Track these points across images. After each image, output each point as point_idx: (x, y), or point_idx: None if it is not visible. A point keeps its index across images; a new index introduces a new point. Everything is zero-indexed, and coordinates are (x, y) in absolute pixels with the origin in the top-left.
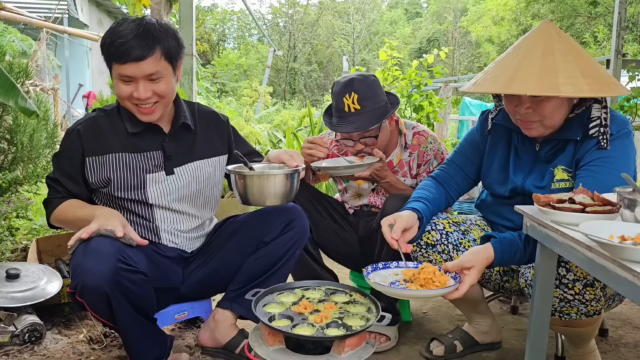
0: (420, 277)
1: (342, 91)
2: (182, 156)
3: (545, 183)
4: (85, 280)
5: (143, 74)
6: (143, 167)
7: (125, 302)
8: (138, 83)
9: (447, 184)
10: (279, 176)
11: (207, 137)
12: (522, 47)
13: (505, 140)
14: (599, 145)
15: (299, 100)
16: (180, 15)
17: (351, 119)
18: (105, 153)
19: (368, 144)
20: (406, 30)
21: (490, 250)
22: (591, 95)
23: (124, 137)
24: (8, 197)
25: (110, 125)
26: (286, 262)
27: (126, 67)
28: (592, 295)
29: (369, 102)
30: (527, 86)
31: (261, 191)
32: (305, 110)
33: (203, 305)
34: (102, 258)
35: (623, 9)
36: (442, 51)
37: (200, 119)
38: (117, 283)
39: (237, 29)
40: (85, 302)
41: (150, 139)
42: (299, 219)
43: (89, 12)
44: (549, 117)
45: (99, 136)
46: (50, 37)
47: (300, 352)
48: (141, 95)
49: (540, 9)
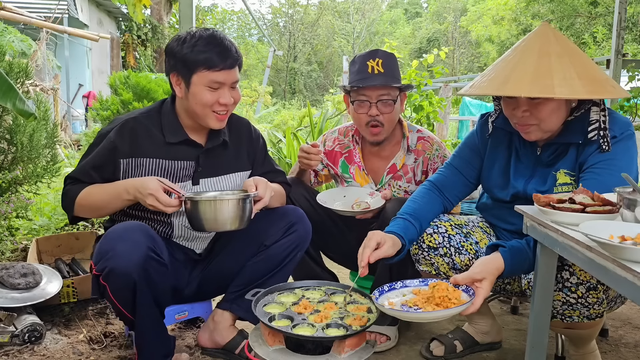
0: (435, 295)
1: (367, 56)
2: (211, 169)
3: (548, 187)
4: (115, 264)
5: (232, 81)
6: (173, 175)
7: (148, 292)
8: (225, 90)
9: (446, 188)
10: (224, 202)
11: (237, 152)
12: (519, 49)
13: (505, 144)
14: (601, 148)
15: (299, 100)
16: (180, 15)
17: (374, 78)
18: (142, 156)
19: (384, 111)
20: (406, 30)
21: (500, 260)
22: (586, 96)
23: (161, 145)
24: (8, 197)
25: (148, 132)
26: (286, 265)
27: (219, 74)
28: (595, 298)
29: (392, 69)
30: (522, 87)
31: (211, 217)
32: (305, 110)
33: (203, 306)
34: (135, 244)
35: (623, 9)
36: (442, 51)
37: (233, 131)
38: (145, 271)
39: (237, 29)
40: (108, 286)
41: (186, 150)
42: (301, 222)
43: (89, 12)
44: (546, 120)
45: (136, 140)
46: (50, 37)
47: (300, 352)
48: (228, 101)
49: (540, 8)
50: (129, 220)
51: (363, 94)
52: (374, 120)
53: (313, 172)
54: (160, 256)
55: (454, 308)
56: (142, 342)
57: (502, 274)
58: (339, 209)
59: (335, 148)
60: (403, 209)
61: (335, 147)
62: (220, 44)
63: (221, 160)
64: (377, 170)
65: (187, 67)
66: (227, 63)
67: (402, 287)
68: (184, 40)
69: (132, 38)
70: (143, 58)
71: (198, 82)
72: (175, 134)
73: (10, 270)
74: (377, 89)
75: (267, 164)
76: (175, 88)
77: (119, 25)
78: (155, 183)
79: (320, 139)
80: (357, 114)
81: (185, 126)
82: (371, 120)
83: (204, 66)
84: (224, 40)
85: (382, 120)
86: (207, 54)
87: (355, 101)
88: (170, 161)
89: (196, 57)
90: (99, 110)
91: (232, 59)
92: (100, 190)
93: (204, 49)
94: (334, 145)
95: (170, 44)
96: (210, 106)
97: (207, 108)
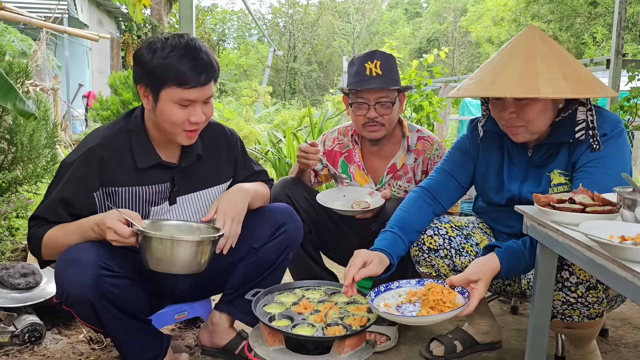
0: (429, 298)
1: (365, 58)
2: (188, 186)
3: (542, 189)
4: (69, 291)
5: (204, 98)
6: (149, 200)
7: (111, 307)
8: (196, 107)
9: (438, 193)
10: (186, 244)
11: (214, 164)
12: (505, 52)
13: (497, 147)
14: (591, 147)
15: (298, 100)
16: (180, 15)
17: (372, 80)
18: (114, 186)
19: (382, 112)
20: (406, 30)
21: (496, 261)
22: (571, 96)
23: (133, 172)
24: (8, 197)
25: (117, 159)
26: (278, 266)
27: (190, 92)
28: (594, 298)
29: (390, 71)
30: (508, 89)
31: (163, 257)
32: (305, 110)
33: (203, 306)
34: (82, 266)
35: (623, 9)
36: (442, 51)
37: (208, 142)
38: (100, 290)
39: (237, 29)
40: (72, 310)
41: (160, 173)
42: (290, 222)
43: (89, 12)
44: (533, 121)
45: (106, 170)
46: (50, 37)
47: (300, 352)
48: (199, 119)
49: (540, 9)
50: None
51: (361, 96)
52: (372, 121)
53: (313, 172)
54: (114, 270)
55: (448, 312)
56: (121, 352)
57: (499, 275)
58: (338, 209)
59: (335, 148)
60: (392, 219)
61: (334, 146)
62: (195, 57)
63: (197, 176)
64: (377, 170)
65: (155, 80)
66: (201, 79)
67: (397, 287)
68: (154, 49)
69: (132, 38)
70: None
71: (167, 98)
72: (146, 158)
73: (10, 270)
74: (375, 92)
75: (248, 167)
76: (143, 100)
77: (119, 25)
78: (112, 216)
79: (320, 139)
80: (355, 115)
81: (155, 142)
82: (369, 122)
83: (174, 82)
84: (199, 52)
85: (381, 121)
86: (178, 68)
87: (354, 103)
88: (145, 187)
89: (166, 70)
90: (99, 110)
91: (206, 75)
92: (65, 234)
93: (175, 63)
94: (333, 145)
95: (139, 51)
96: (180, 125)
97: (177, 127)
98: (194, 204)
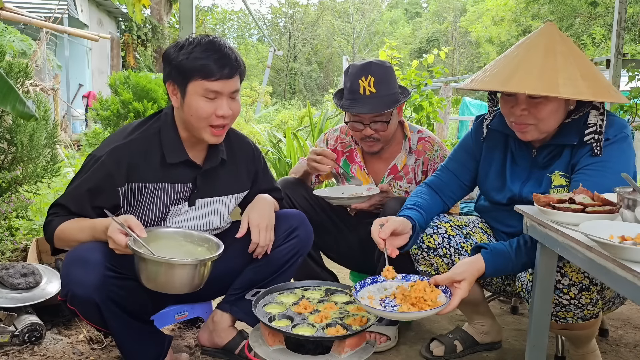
0: (411, 295)
1: (359, 73)
2: (207, 190)
3: (543, 190)
4: (75, 291)
5: (230, 91)
6: (170, 198)
7: (116, 309)
8: (222, 100)
9: (442, 191)
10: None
11: (235, 172)
12: (524, 46)
13: (501, 146)
14: (593, 152)
15: (299, 100)
16: (180, 15)
17: (365, 101)
18: (139, 181)
19: (378, 129)
20: (406, 30)
21: (481, 261)
22: (590, 98)
23: (160, 168)
24: (8, 197)
25: (145, 156)
26: (287, 269)
27: (215, 83)
28: (588, 299)
29: (384, 86)
30: (527, 84)
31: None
32: (305, 110)
33: (203, 306)
34: (90, 267)
35: (623, 9)
36: (442, 51)
37: (232, 149)
38: (106, 291)
39: (237, 29)
40: (76, 310)
41: (184, 171)
42: (302, 227)
43: (89, 12)
44: (545, 120)
45: (133, 167)
46: (50, 37)
47: (300, 352)
48: (226, 113)
49: (540, 9)
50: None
51: (356, 114)
52: (369, 138)
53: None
54: (119, 271)
55: (428, 310)
56: (123, 352)
57: (484, 276)
58: (331, 196)
59: (338, 147)
60: (408, 202)
61: (337, 145)
62: (219, 51)
63: (218, 181)
64: (378, 171)
65: (182, 75)
66: (225, 71)
67: (384, 281)
68: (181, 46)
69: (132, 38)
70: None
71: (193, 92)
72: (175, 153)
73: (10, 270)
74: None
75: (268, 181)
76: (172, 97)
77: (119, 25)
78: (114, 225)
79: (321, 138)
80: (352, 131)
81: (184, 140)
82: (366, 138)
83: (199, 74)
84: (223, 47)
85: (377, 137)
86: (203, 61)
87: (349, 122)
88: (169, 184)
89: (192, 64)
90: (99, 110)
91: (230, 67)
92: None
93: (200, 56)
94: (336, 144)
95: (167, 50)
96: (206, 118)
97: (203, 120)
98: (210, 209)
